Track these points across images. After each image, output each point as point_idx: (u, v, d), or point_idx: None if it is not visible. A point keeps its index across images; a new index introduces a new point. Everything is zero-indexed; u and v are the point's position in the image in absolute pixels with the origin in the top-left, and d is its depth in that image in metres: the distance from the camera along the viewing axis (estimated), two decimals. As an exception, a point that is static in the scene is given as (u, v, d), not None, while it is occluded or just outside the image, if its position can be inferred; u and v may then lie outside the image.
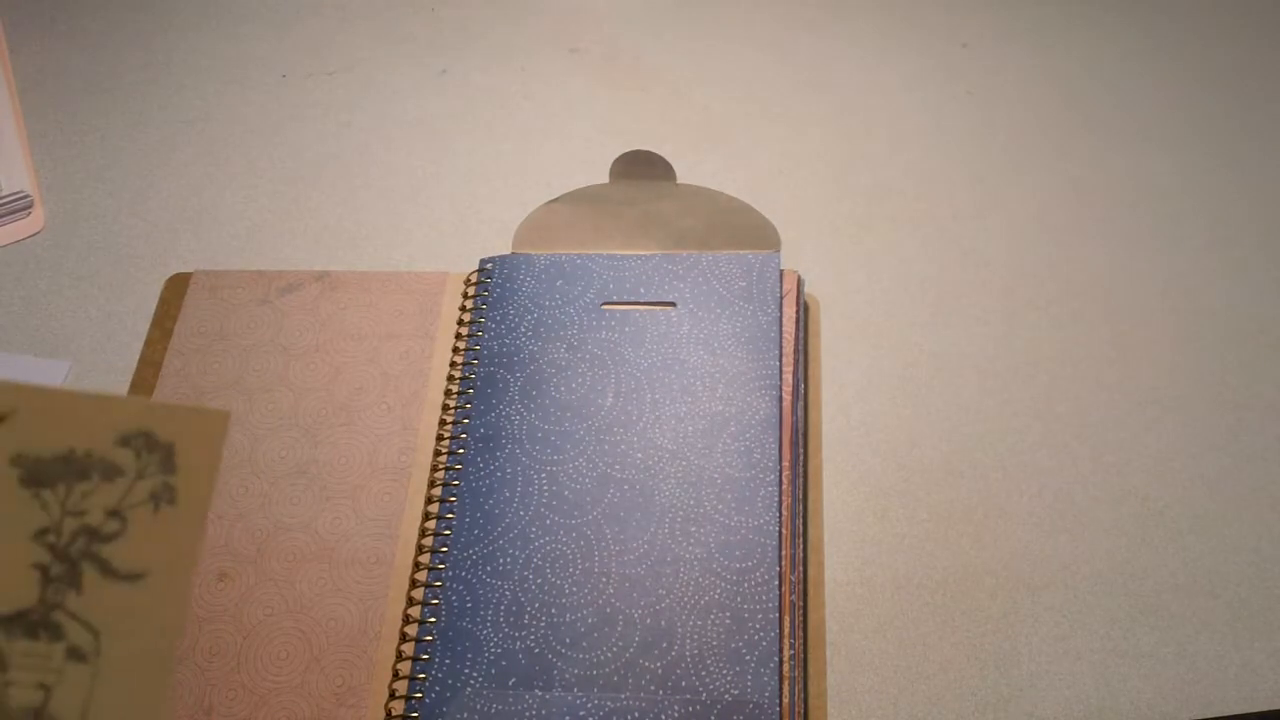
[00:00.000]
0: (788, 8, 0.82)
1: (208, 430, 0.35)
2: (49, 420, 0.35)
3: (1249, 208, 0.70)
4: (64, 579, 0.34)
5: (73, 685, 0.33)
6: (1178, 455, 0.60)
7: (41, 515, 0.34)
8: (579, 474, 0.55)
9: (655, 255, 0.62)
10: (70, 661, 0.34)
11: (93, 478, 0.35)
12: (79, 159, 0.74)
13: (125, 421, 0.35)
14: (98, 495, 0.35)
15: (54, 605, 0.34)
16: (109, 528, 0.34)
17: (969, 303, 0.66)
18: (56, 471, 0.34)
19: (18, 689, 0.33)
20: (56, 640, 0.34)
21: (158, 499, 0.35)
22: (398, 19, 0.82)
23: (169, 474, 0.35)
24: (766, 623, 0.51)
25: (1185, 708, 0.52)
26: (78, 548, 0.34)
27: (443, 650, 0.51)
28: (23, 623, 0.34)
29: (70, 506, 0.35)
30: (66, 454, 0.35)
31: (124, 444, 0.35)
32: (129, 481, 0.35)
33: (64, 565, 0.34)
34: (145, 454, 0.35)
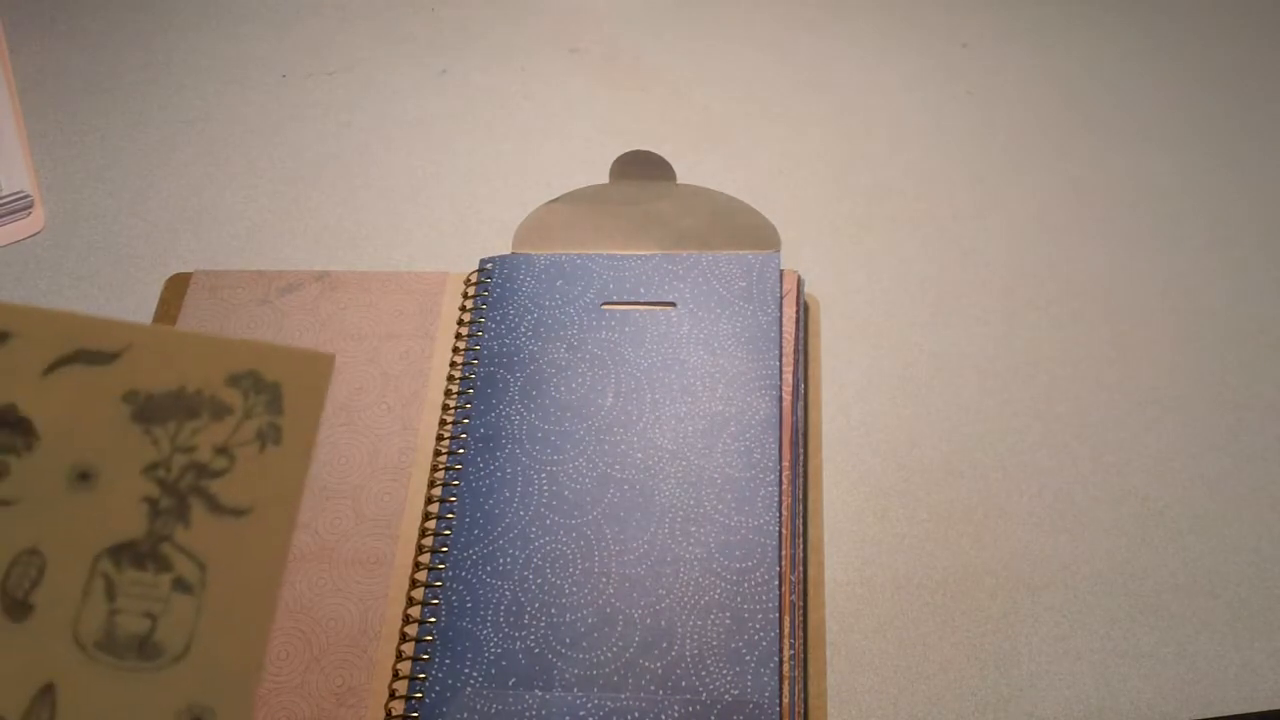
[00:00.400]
0: (788, 8, 0.82)
1: (314, 373, 0.36)
2: (160, 359, 0.36)
3: (1249, 208, 0.70)
4: (172, 512, 0.35)
5: (178, 615, 0.34)
6: (1178, 455, 0.60)
7: (152, 451, 0.35)
8: (579, 474, 0.55)
9: (655, 255, 0.62)
10: (176, 592, 0.34)
11: (202, 416, 0.35)
12: (79, 159, 0.74)
13: (235, 362, 0.36)
14: (206, 433, 0.35)
15: (162, 537, 0.35)
16: (217, 464, 0.35)
17: (969, 303, 0.66)
18: (167, 409, 0.35)
19: (125, 617, 0.34)
20: (164, 571, 0.35)
21: (264, 438, 0.36)
22: (398, 19, 0.82)
23: (276, 414, 0.36)
24: (766, 623, 0.51)
25: (1185, 708, 0.52)
26: (186, 483, 0.35)
27: (443, 650, 0.51)
28: (131, 553, 0.35)
29: (180, 443, 0.35)
30: (177, 392, 0.36)
31: (233, 384, 0.36)
32: (237, 420, 0.36)
33: (172, 499, 0.35)
34: (253, 394, 0.36)
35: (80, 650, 0.34)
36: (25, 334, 0.36)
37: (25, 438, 0.35)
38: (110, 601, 0.34)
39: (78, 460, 0.35)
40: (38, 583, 0.34)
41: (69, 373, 0.35)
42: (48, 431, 0.35)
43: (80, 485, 0.35)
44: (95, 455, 0.35)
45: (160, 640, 0.34)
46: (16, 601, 0.34)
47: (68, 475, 0.35)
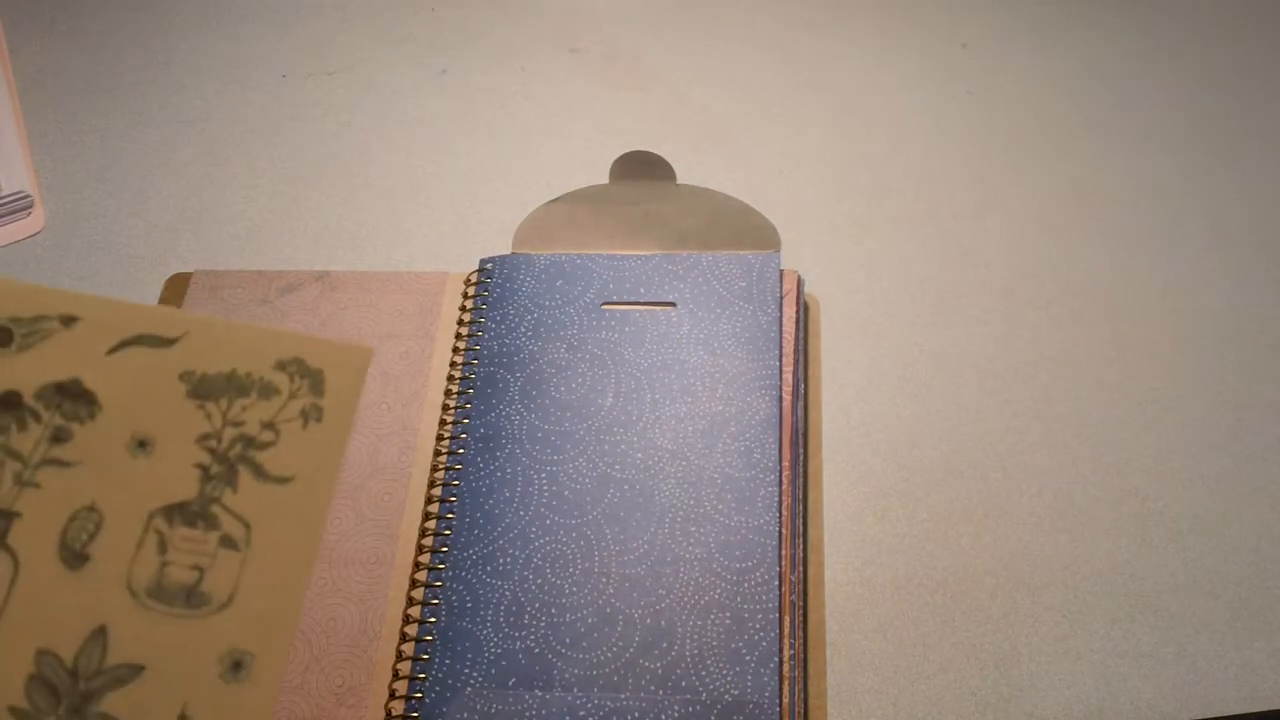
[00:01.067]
0: (788, 8, 0.82)
1: (353, 363, 0.40)
2: (215, 345, 0.40)
3: (1249, 208, 0.70)
4: (222, 478, 0.38)
5: (224, 569, 0.38)
6: (1178, 455, 0.60)
7: (205, 423, 0.39)
8: (579, 474, 0.55)
9: (655, 255, 0.62)
10: (223, 548, 0.38)
11: (251, 394, 0.39)
12: (79, 159, 0.74)
13: (282, 350, 0.40)
14: (255, 410, 0.39)
15: (212, 499, 0.38)
16: (264, 437, 0.39)
17: (969, 303, 0.66)
18: (220, 387, 0.39)
19: (174, 568, 0.37)
20: (212, 529, 0.38)
21: (307, 416, 0.39)
22: (398, 19, 0.82)
23: (318, 396, 0.40)
24: (766, 623, 0.51)
25: (1185, 708, 0.52)
26: (235, 452, 0.39)
27: (443, 650, 0.51)
28: (183, 512, 0.38)
29: (231, 417, 0.39)
30: (229, 373, 0.39)
31: (280, 369, 0.40)
32: (283, 400, 0.39)
33: (222, 466, 0.39)
34: (298, 378, 0.40)
35: (132, 596, 0.37)
36: (91, 318, 0.39)
37: (88, 407, 0.38)
38: (162, 554, 0.38)
39: (136, 429, 0.38)
40: (95, 536, 0.37)
41: (131, 353, 0.39)
42: (109, 403, 0.39)
43: (139, 451, 0.38)
44: (153, 425, 0.39)
45: (206, 590, 0.37)
46: (74, 552, 0.37)
47: (127, 442, 0.38)
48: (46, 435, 0.38)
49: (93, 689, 0.36)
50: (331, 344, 0.40)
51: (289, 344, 0.40)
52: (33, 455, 0.38)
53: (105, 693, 0.36)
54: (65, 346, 0.39)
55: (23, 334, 0.39)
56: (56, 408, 0.38)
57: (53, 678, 0.36)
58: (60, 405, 0.38)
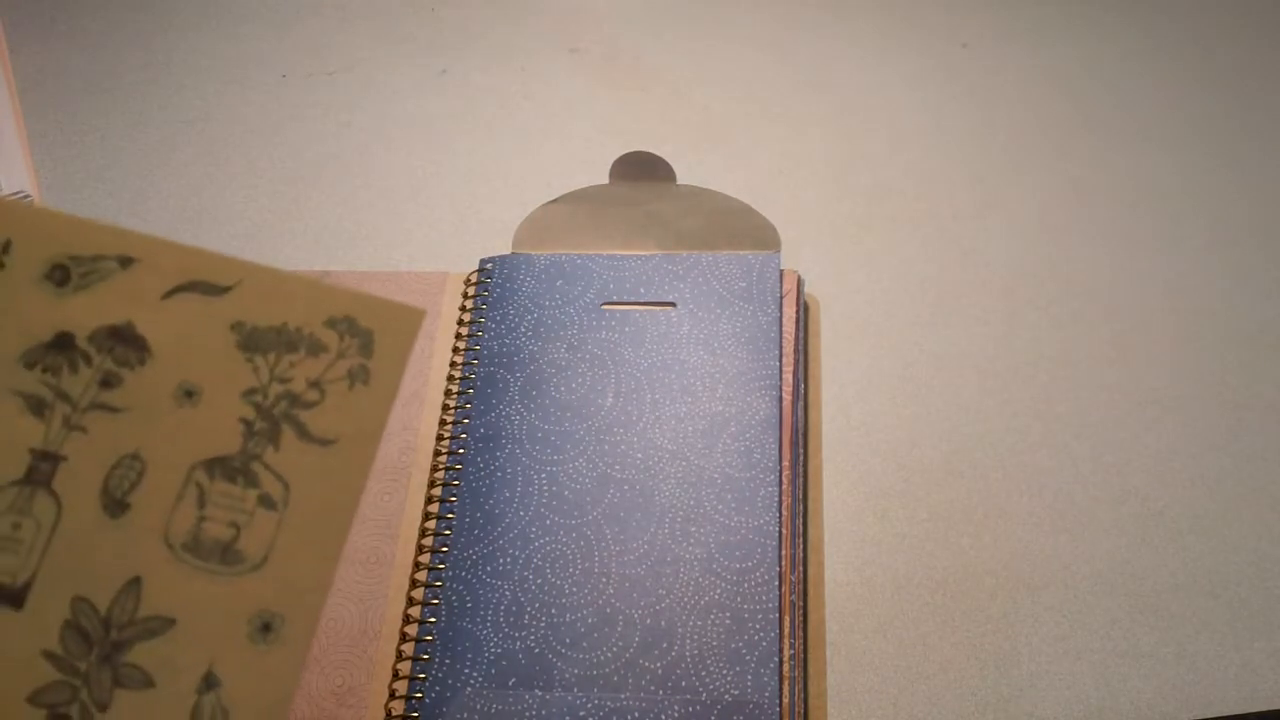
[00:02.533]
0: (788, 8, 0.82)
1: (404, 324, 0.39)
2: (268, 296, 0.39)
3: (1249, 208, 0.70)
4: (265, 434, 0.38)
5: (260, 527, 0.37)
6: (1178, 455, 0.60)
7: (251, 377, 0.38)
8: (579, 474, 0.55)
9: (655, 255, 0.62)
10: (261, 507, 0.37)
11: (300, 350, 0.39)
12: (79, 159, 0.74)
13: (334, 306, 0.39)
14: (302, 367, 0.39)
15: (253, 456, 0.38)
16: (309, 396, 0.38)
17: (969, 303, 0.66)
18: (269, 340, 0.39)
19: (212, 524, 0.37)
20: (251, 487, 0.38)
21: (354, 377, 0.39)
22: (398, 19, 0.82)
23: (366, 357, 0.39)
24: (766, 623, 0.51)
25: (1185, 708, 0.52)
26: (280, 409, 0.38)
27: (443, 650, 0.51)
28: (224, 467, 0.38)
29: (278, 373, 0.38)
30: (280, 327, 0.39)
31: (330, 326, 0.39)
32: (331, 359, 0.39)
33: (266, 423, 0.38)
34: (348, 337, 0.39)
35: (168, 549, 0.37)
36: (148, 260, 0.38)
37: (139, 353, 0.38)
38: (200, 509, 0.37)
39: (184, 378, 0.38)
40: (136, 485, 0.37)
41: (185, 299, 0.38)
42: (160, 350, 0.38)
43: (185, 401, 0.38)
44: (201, 376, 0.38)
45: (242, 548, 0.37)
46: (115, 500, 0.37)
47: (174, 391, 0.38)
48: (96, 379, 0.38)
49: (124, 639, 0.36)
50: (385, 304, 0.39)
51: (341, 301, 0.39)
52: (82, 399, 0.37)
53: (135, 643, 0.36)
54: (121, 289, 0.38)
55: (80, 273, 0.38)
56: (109, 352, 0.38)
57: (87, 625, 0.36)
58: (112, 350, 0.38)
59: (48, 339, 0.38)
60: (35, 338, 0.38)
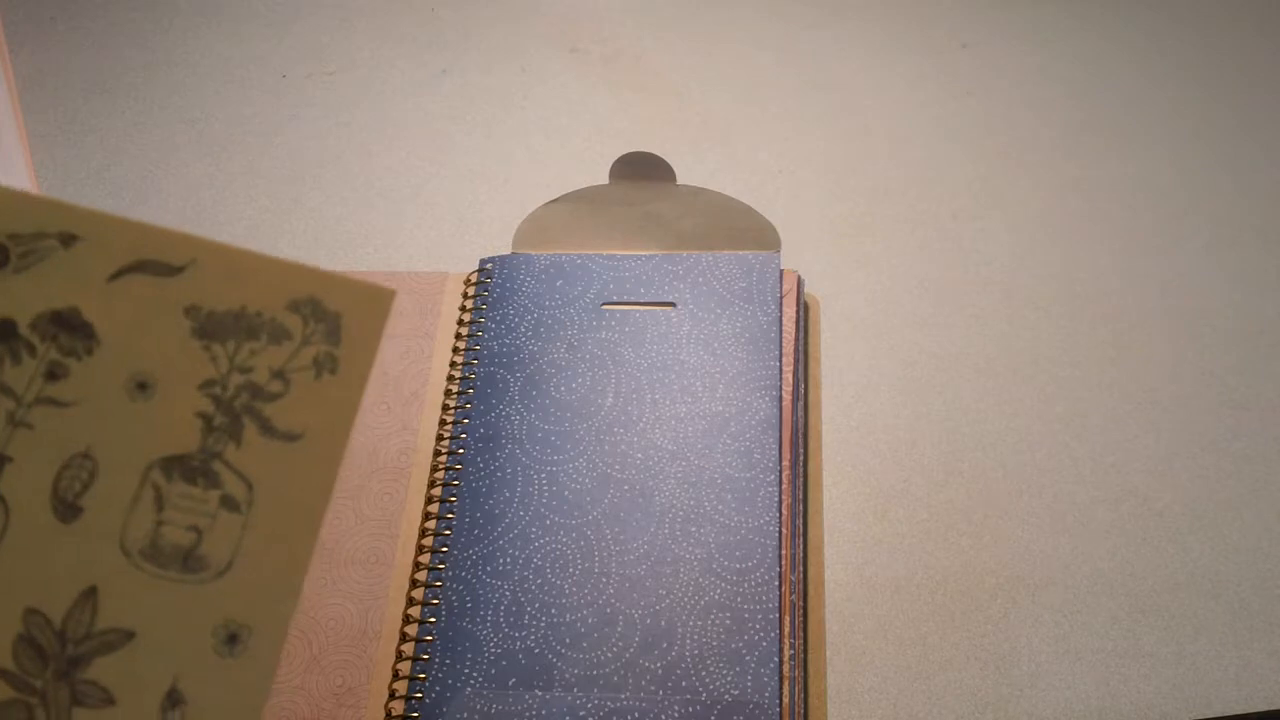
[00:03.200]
0: (788, 8, 0.82)
1: (373, 306, 0.36)
2: (224, 276, 0.36)
3: (1249, 208, 0.70)
4: (225, 430, 0.35)
5: (223, 531, 0.35)
6: (1178, 455, 0.60)
7: (209, 368, 0.36)
8: (579, 474, 0.55)
9: (655, 255, 0.62)
10: (223, 509, 0.35)
11: (261, 338, 0.36)
12: (79, 159, 0.74)
13: (297, 287, 0.36)
14: (264, 356, 0.36)
15: (213, 454, 0.35)
16: (272, 388, 0.36)
17: (969, 303, 0.66)
18: (227, 327, 0.36)
19: (171, 528, 0.35)
20: (212, 488, 0.35)
21: (320, 366, 0.36)
22: (398, 19, 0.82)
23: (333, 344, 0.36)
24: (766, 623, 0.51)
25: (1185, 708, 0.52)
26: (241, 403, 0.36)
27: (443, 650, 0.51)
28: (182, 466, 0.35)
29: (238, 363, 0.36)
30: (238, 311, 0.36)
31: (294, 310, 0.36)
32: (295, 346, 0.36)
33: (226, 417, 0.35)
34: (313, 322, 0.36)
35: (125, 557, 0.34)
36: (93, 238, 0.36)
37: (86, 342, 0.35)
38: (158, 512, 0.35)
39: (136, 369, 0.35)
40: (88, 486, 0.35)
41: (133, 281, 0.36)
42: (108, 338, 0.35)
43: (137, 394, 0.35)
44: (154, 366, 0.35)
45: (204, 554, 0.35)
46: (66, 504, 0.34)
47: (125, 383, 0.35)
48: (41, 371, 0.35)
49: (81, 653, 0.34)
50: (351, 283, 0.36)
51: (305, 280, 0.36)
52: (27, 393, 0.35)
53: (94, 658, 0.34)
54: (64, 269, 0.35)
55: (20, 253, 0.35)
56: (53, 340, 0.35)
57: (41, 639, 0.33)
58: (56, 338, 0.35)
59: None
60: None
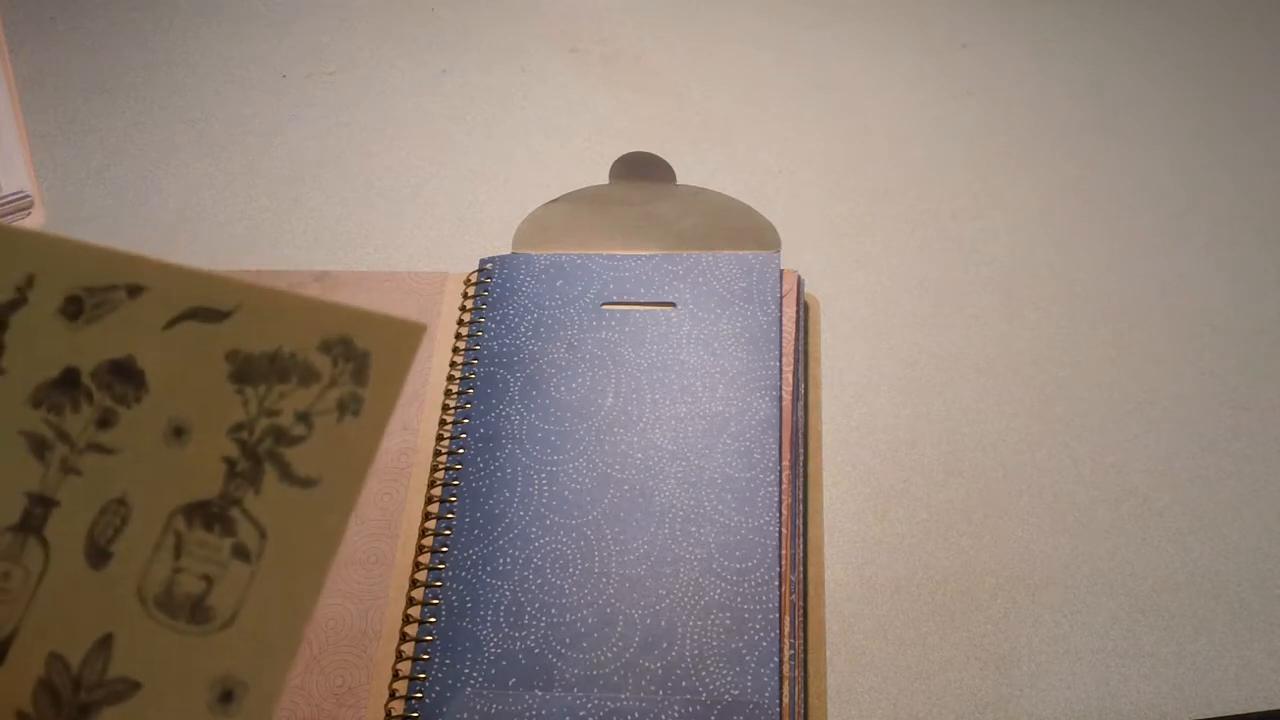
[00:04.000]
0: (788, 8, 0.82)
1: (404, 342, 0.37)
2: (265, 319, 0.37)
3: (1249, 208, 0.70)
4: (246, 476, 0.36)
5: (232, 581, 0.35)
6: (1178, 455, 0.60)
7: (240, 411, 0.36)
8: (579, 474, 0.55)
9: (655, 255, 0.62)
10: (234, 558, 0.35)
11: (292, 380, 0.36)
12: (79, 159, 0.74)
13: (330, 326, 0.37)
14: (292, 398, 0.36)
15: (233, 500, 0.36)
16: (296, 431, 0.36)
17: (969, 303, 0.66)
18: (263, 370, 0.36)
19: (185, 576, 0.35)
20: (227, 535, 0.35)
21: (344, 408, 0.36)
22: (398, 19, 0.82)
23: (360, 385, 0.36)
24: (766, 623, 0.51)
25: (1185, 708, 0.52)
26: (265, 447, 0.36)
27: (443, 650, 0.51)
28: (203, 513, 0.35)
29: (267, 405, 0.36)
30: (274, 353, 0.36)
31: (325, 349, 0.37)
32: (322, 388, 0.36)
33: (249, 462, 0.36)
34: (342, 362, 0.37)
35: (141, 604, 0.35)
36: (156, 288, 0.36)
37: (137, 390, 0.36)
38: (176, 559, 0.35)
39: (176, 415, 0.36)
40: (119, 532, 0.35)
41: (185, 329, 0.37)
42: (157, 386, 0.36)
43: (173, 441, 0.36)
44: (192, 412, 0.36)
45: (212, 604, 0.35)
46: (99, 549, 0.35)
47: (165, 430, 0.36)
48: (94, 418, 0.36)
49: (91, 701, 0.34)
50: (384, 320, 0.37)
51: (338, 319, 0.36)
52: (80, 439, 0.36)
53: (102, 707, 0.34)
54: (128, 320, 0.36)
55: (93, 304, 0.36)
56: (108, 389, 0.36)
57: (59, 684, 0.34)
58: (112, 386, 0.36)
59: (56, 375, 0.36)
60: (45, 375, 0.36)
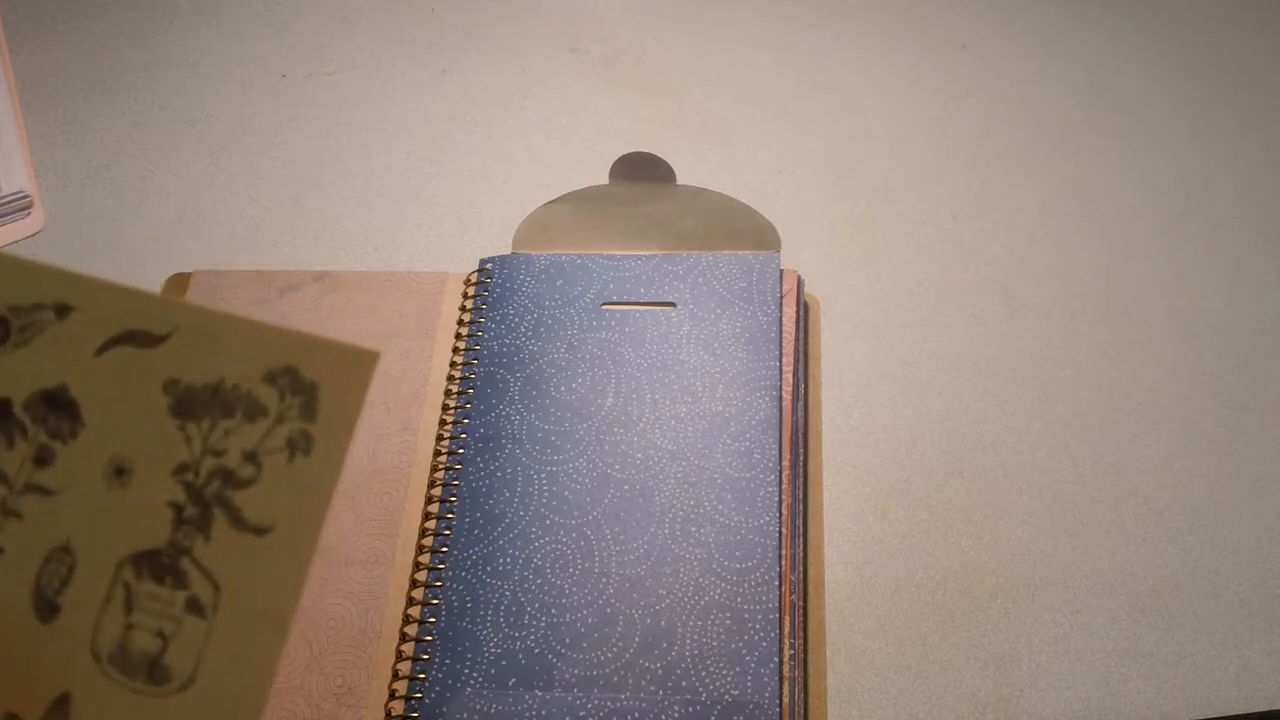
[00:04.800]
0: (788, 8, 0.82)
1: (355, 371, 0.33)
2: (205, 344, 0.34)
3: (1249, 208, 0.70)
4: (195, 522, 0.33)
5: (188, 638, 0.32)
6: (1178, 455, 0.60)
7: (184, 449, 0.33)
8: (579, 474, 0.55)
9: (655, 255, 0.62)
10: (189, 613, 0.32)
11: (236, 415, 0.33)
12: (79, 159, 0.74)
13: (275, 355, 0.33)
14: (238, 435, 0.33)
15: (182, 550, 0.33)
16: (244, 473, 0.33)
17: (969, 303, 0.66)
18: (204, 403, 0.33)
19: (139, 633, 0.32)
20: (179, 588, 0.33)
21: (294, 447, 0.33)
22: (398, 19, 0.82)
23: (309, 420, 0.33)
24: (766, 623, 0.51)
25: (1185, 708, 0.52)
26: (212, 490, 0.33)
27: (443, 650, 0.51)
28: (152, 564, 0.33)
29: (211, 444, 0.33)
30: (216, 384, 0.33)
31: (270, 380, 0.34)
32: (269, 424, 0.33)
33: (197, 507, 0.33)
34: (289, 395, 0.33)
35: (96, 662, 0.32)
36: (85, 307, 0.34)
37: (71, 424, 0.33)
38: (127, 614, 0.33)
39: (116, 454, 0.33)
40: (67, 583, 0.33)
41: (118, 355, 0.34)
42: (92, 418, 0.33)
43: (115, 482, 0.33)
44: (132, 450, 0.33)
45: (169, 664, 0.32)
46: (46, 601, 0.32)
47: (105, 470, 0.33)
48: (31, 455, 0.33)
49: None
50: (333, 347, 0.33)
51: (283, 347, 0.33)
52: (18, 479, 0.33)
53: None
54: (56, 344, 0.34)
55: (19, 326, 0.34)
56: (42, 422, 0.33)
57: None
58: (46, 419, 0.33)
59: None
60: None
